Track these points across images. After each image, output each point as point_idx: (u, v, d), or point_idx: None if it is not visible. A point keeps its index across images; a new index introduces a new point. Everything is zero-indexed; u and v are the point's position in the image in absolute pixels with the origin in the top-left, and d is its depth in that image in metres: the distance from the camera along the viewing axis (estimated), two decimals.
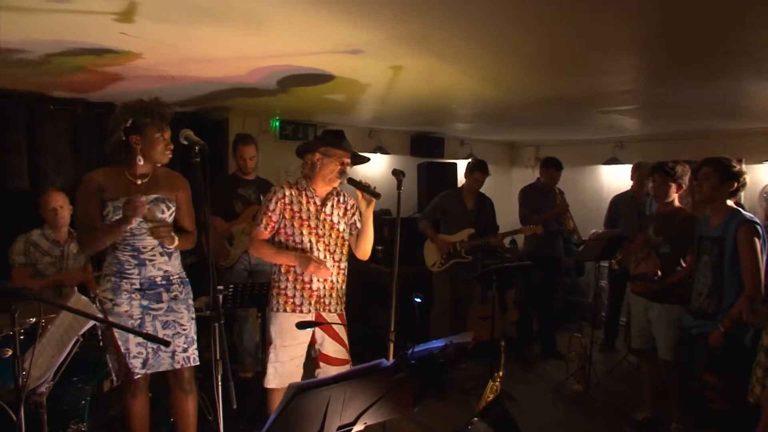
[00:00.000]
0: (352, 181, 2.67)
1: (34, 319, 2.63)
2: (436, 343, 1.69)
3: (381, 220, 5.63)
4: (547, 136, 6.85)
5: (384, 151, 6.14)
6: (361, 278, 5.39)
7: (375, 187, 2.68)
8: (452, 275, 4.62)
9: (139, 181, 2.54)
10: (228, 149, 4.75)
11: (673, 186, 3.42)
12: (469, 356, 4.57)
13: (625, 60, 2.86)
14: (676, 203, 3.46)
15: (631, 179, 5.01)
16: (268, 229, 2.73)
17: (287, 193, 2.75)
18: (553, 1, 2.04)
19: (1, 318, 2.58)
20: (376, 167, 6.18)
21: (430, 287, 4.73)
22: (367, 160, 2.91)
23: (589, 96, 3.83)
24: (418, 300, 2.16)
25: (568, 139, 6.78)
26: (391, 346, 2.49)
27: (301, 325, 2.14)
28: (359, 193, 2.70)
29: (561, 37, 2.45)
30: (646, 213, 4.74)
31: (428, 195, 5.67)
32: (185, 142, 2.13)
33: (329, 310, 2.82)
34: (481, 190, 4.83)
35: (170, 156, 2.55)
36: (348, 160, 2.75)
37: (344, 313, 2.89)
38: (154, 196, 2.56)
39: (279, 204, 2.73)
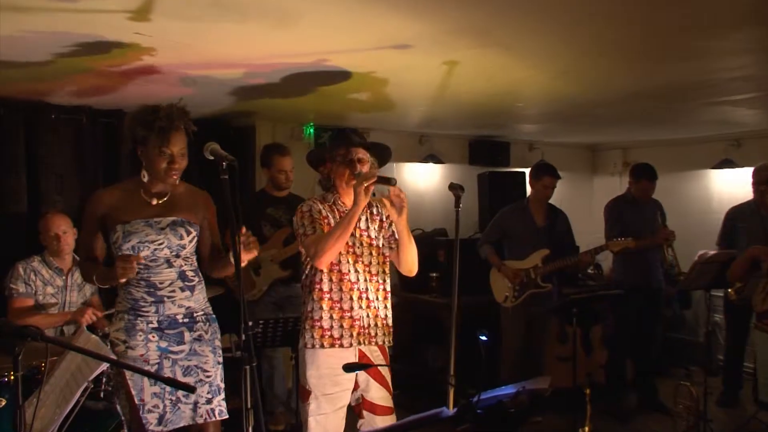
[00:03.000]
0: (360, 176, 2.69)
1: (34, 363, 2.71)
2: (507, 390, 1.70)
3: (435, 242, 5.68)
4: (638, 136, 6.72)
5: (437, 160, 6.17)
6: (411, 311, 5.44)
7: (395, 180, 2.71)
8: (526, 308, 4.59)
9: (155, 201, 2.63)
10: (254, 161, 4.90)
11: None
12: (547, 406, 4.50)
13: (742, 38, 2.78)
14: None
15: (753, 186, 4.83)
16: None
17: (320, 208, 2.82)
18: None
19: None
20: (428, 179, 6.21)
21: (497, 321, 4.71)
22: (385, 148, 2.92)
23: (694, 85, 3.75)
24: (484, 338, 2.16)
25: (665, 138, 6.62)
26: (451, 392, 2.50)
27: (349, 368, 2.18)
28: (386, 202, 2.75)
29: (656, 17, 2.43)
30: None
31: (491, 211, 5.65)
32: (211, 157, 2.22)
33: (376, 342, 2.84)
34: (556, 204, 4.80)
35: (176, 177, 2.58)
36: (359, 156, 2.79)
37: (389, 345, 2.92)
38: (172, 218, 2.61)
39: (323, 221, 2.79)
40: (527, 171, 6.34)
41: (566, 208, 4.92)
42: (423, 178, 6.20)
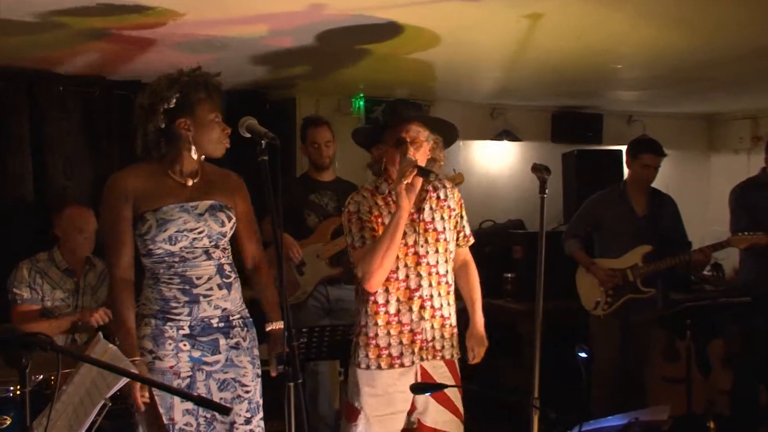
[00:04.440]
0: (401, 167, 2.65)
1: (42, 377, 2.78)
2: (614, 421, 1.67)
3: (509, 236, 5.62)
4: None
5: (513, 137, 6.12)
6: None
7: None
8: (622, 317, 4.51)
9: (189, 182, 2.65)
10: (295, 140, 4.92)
11: None
12: None
13: None
14: None
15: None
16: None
17: (371, 204, 2.82)
18: None
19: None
20: (502, 160, 6.18)
21: (587, 332, 4.66)
22: (449, 126, 2.87)
23: None
24: (584, 354, 2.13)
25: None
26: (536, 418, 2.48)
27: (417, 389, 2.18)
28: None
29: None
30: None
31: (578, 198, 5.56)
32: (247, 135, 2.23)
33: (441, 357, 2.85)
34: (662, 188, 4.69)
35: (227, 147, 2.62)
36: (411, 136, 2.73)
37: (458, 357, 2.92)
38: (209, 202, 2.65)
39: (375, 222, 2.79)
40: (624, 149, 6.22)
41: (675, 194, 4.82)
42: (495, 159, 6.16)
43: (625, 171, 4.87)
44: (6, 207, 4.33)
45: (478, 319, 3.04)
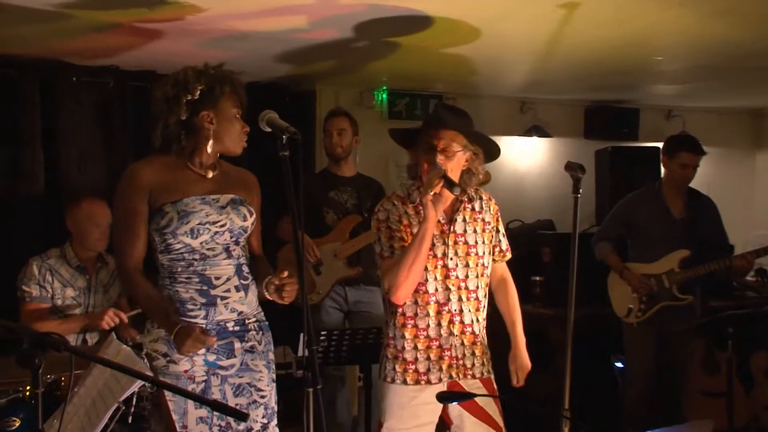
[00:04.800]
0: (429, 177, 2.64)
1: (52, 377, 2.80)
2: None
3: (538, 237, 5.60)
4: None
5: (543, 133, 6.09)
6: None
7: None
8: (658, 326, 4.47)
9: (210, 174, 2.67)
10: (315, 134, 4.98)
11: None
12: None
13: None
14: None
15: None
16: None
17: (401, 213, 2.81)
18: None
19: (7, 373, 2.80)
20: (531, 157, 6.16)
21: (618, 340, 4.64)
22: (492, 144, 2.85)
23: None
24: (620, 365, 2.11)
25: None
26: (567, 430, 2.47)
27: (443, 397, 2.18)
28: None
29: None
30: None
31: (612, 198, 5.52)
32: (268, 129, 2.25)
33: (471, 375, 2.84)
34: (702, 189, 4.64)
35: (245, 144, 2.67)
36: (443, 145, 2.70)
37: (492, 375, 2.92)
38: (230, 196, 2.67)
39: (404, 232, 2.78)
40: (662, 146, 6.16)
41: (717, 194, 4.78)
42: (524, 156, 6.14)
43: (662, 170, 4.83)
44: (17, 202, 4.37)
45: (521, 340, 3.04)
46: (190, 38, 3.68)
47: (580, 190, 2.60)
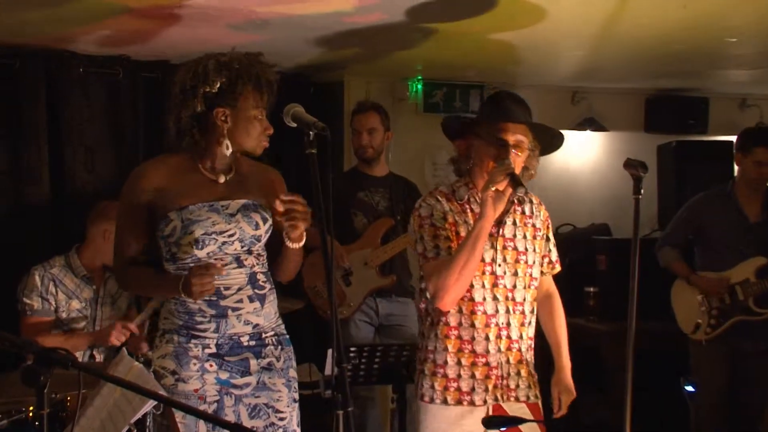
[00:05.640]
0: (494, 171, 2.64)
1: (57, 396, 2.80)
2: None
3: (592, 243, 5.57)
4: None
5: (598, 126, 6.05)
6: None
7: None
8: (731, 344, 4.42)
9: (222, 178, 2.69)
10: (342, 129, 5.00)
11: None
12: None
13: None
14: None
15: None
16: None
17: (446, 210, 2.80)
18: None
19: (3, 391, 2.83)
20: (584, 153, 6.13)
21: (685, 359, 4.59)
22: (557, 135, 2.89)
23: None
24: (690, 388, 2.10)
25: None
26: None
27: (490, 423, 2.18)
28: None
29: None
30: None
31: (677, 199, 5.48)
32: (293, 124, 2.26)
33: (515, 398, 2.83)
34: None
35: (266, 146, 2.67)
36: (516, 139, 2.72)
37: (540, 401, 2.90)
38: (242, 201, 2.67)
39: (450, 231, 2.78)
40: (735, 140, 6.07)
41: None
42: (576, 152, 6.10)
43: (735, 167, 4.77)
44: (19, 204, 4.42)
45: (565, 363, 3.04)
46: (210, 24, 3.71)
47: (641, 191, 2.59)
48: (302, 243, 2.64)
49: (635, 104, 6.27)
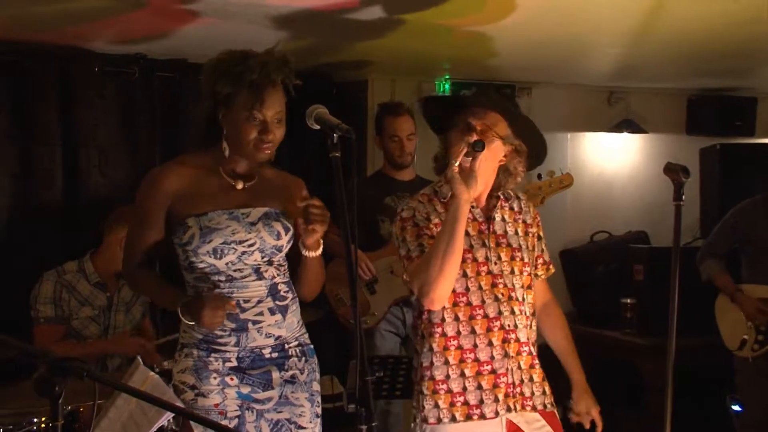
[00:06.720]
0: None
1: (69, 407, 2.81)
2: None
3: (629, 252, 5.54)
4: None
5: (636, 128, 6.04)
6: (590, 354, 5.28)
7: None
8: None
9: (240, 185, 2.70)
10: (366, 130, 5.00)
11: None
12: None
13: None
14: None
15: None
16: None
17: (429, 211, 2.76)
18: None
19: (15, 400, 2.91)
20: (622, 157, 6.12)
21: (729, 377, 4.56)
22: (534, 130, 2.80)
23: None
24: (737, 408, 2.09)
25: None
26: None
27: None
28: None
29: None
30: None
31: (721, 205, 5.43)
32: (316, 126, 2.26)
33: (531, 407, 2.78)
34: None
35: (269, 153, 2.61)
36: (477, 122, 2.65)
37: (556, 409, 2.86)
38: (264, 209, 2.70)
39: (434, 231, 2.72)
40: None
41: None
42: (612, 156, 6.11)
43: None
44: (31, 208, 4.46)
45: (582, 375, 2.99)
46: (228, 20, 3.74)
47: (683, 197, 2.58)
48: (319, 251, 2.65)
49: (676, 105, 6.26)
